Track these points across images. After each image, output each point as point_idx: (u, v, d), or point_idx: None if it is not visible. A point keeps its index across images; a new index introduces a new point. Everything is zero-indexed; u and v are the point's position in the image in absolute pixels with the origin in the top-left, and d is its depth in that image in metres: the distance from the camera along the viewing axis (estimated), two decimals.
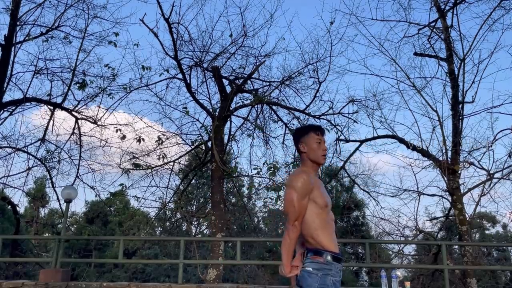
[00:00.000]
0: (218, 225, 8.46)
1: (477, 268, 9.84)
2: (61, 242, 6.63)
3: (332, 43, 9.86)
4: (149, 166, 9.80)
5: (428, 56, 10.67)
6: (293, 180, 2.22)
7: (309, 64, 9.94)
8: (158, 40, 8.83)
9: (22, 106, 9.76)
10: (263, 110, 10.02)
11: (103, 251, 23.16)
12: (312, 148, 2.33)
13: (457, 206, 9.45)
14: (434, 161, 9.89)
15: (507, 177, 9.90)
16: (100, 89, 9.81)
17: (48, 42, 9.74)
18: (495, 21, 9.68)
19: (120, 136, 9.69)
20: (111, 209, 23.15)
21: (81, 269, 20.21)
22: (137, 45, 9.56)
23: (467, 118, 10.12)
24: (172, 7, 8.37)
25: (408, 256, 12.84)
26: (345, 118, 10.35)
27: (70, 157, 10.39)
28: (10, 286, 5.83)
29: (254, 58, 10.05)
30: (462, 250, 9.46)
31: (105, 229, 24.25)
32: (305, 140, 2.37)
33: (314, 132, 2.37)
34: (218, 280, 8.06)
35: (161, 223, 17.17)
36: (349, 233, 17.28)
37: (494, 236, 24.78)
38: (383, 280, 5.39)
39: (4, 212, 18.47)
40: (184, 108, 10.13)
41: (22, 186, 10.00)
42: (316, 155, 2.33)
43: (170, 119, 10.51)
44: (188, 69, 9.62)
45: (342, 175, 14.28)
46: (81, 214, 25.48)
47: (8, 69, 9.23)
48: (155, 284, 6.20)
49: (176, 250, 15.51)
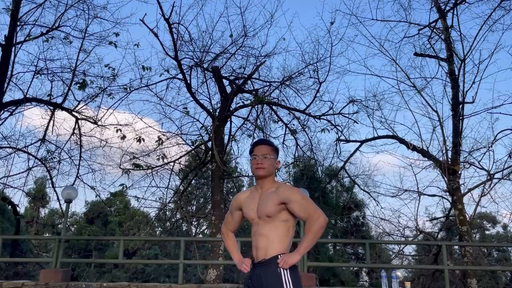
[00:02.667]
0: (218, 225, 8.46)
1: (477, 268, 9.83)
2: (61, 242, 6.63)
3: (332, 44, 9.87)
4: (149, 166, 9.80)
5: (428, 57, 10.67)
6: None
7: (310, 64, 9.95)
8: (158, 40, 8.84)
9: (22, 106, 9.77)
10: (263, 110, 10.03)
11: (103, 251, 23.14)
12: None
13: (457, 207, 9.45)
14: (435, 162, 9.89)
15: (507, 177, 9.90)
16: (101, 89, 9.82)
17: (49, 42, 9.74)
18: (496, 22, 9.69)
19: (120, 136, 9.69)
20: (111, 209, 23.13)
21: (81, 269, 20.20)
22: (137, 45, 9.57)
23: (468, 118, 10.14)
24: (172, 7, 8.39)
25: (408, 256, 12.84)
26: (345, 119, 10.36)
27: (70, 157, 10.40)
28: (10, 286, 5.84)
29: (254, 58, 10.06)
30: (462, 250, 9.45)
31: (105, 229, 24.24)
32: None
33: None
34: (218, 281, 8.06)
35: (161, 223, 17.18)
36: (349, 233, 17.27)
37: (494, 237, 24.75)
38: (384, 280, 5.40)
39: (4, 212, 18.47)
40: (184, 108, 10.14)
41: (22, 186, 10.00)
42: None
43: (170, 119, 10.50)
44: (188, 69, 9.63)
45: (342, 175, 14.29)
46: (81, 214, 25.47)
47: (9, 69, 9.23)
48: (155, 284, 6.21)
49: (176, 250, 15.51)
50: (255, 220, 2.52)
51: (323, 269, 17.18)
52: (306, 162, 11.98)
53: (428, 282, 11.04)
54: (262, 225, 2.46)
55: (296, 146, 10.56)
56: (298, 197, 2.44)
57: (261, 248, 2.42)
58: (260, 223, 2.48)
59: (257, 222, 2.50)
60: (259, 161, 2.52)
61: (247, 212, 2.57)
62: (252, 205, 2.55)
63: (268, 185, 2.55)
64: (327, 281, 16.97)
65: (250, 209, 2.56)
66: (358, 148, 10.89)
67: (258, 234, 2.47)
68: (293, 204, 2.42)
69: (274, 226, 2.43)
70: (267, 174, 2.53)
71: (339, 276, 18.32)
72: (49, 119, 10.00)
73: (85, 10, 9.68)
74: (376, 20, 10.65)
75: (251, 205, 2.56)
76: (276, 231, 2.42)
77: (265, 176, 2.54)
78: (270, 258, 2.36)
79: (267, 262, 2.37)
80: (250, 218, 2.56)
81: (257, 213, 2.50)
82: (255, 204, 2.53)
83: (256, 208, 2.51)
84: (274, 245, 2.39)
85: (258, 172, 2.52)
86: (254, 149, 2.59)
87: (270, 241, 2.40)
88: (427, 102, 10.29)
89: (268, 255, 2.38)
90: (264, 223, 2.46)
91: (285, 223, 2.44)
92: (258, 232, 2.47)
